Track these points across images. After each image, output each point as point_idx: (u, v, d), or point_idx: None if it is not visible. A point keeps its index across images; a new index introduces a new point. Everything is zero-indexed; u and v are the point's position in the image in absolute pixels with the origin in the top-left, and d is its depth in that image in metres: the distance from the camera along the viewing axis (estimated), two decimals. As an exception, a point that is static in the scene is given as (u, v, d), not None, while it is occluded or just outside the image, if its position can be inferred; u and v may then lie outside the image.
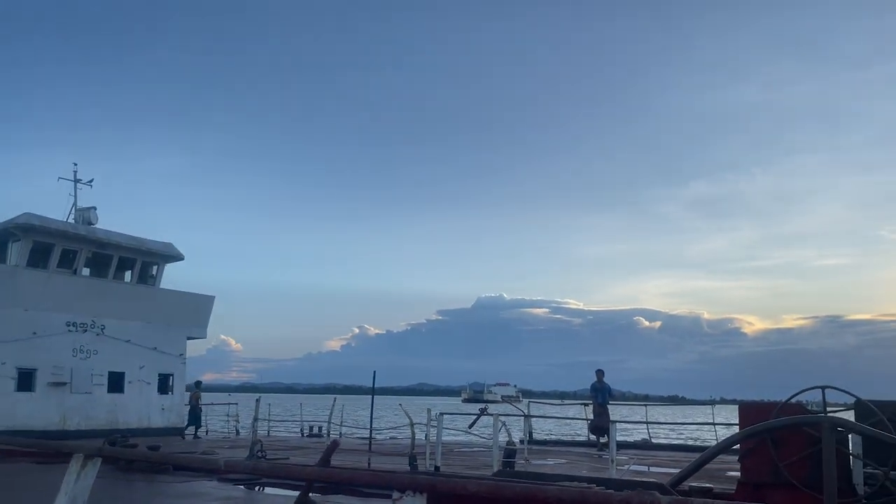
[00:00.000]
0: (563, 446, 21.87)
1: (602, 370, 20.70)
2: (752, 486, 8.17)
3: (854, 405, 10.31)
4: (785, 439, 7.92)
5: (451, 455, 15.64)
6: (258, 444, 14.72)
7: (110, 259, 24.76)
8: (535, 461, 14.58)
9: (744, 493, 8.19)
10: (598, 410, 19.84)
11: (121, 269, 25.54)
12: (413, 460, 12.25)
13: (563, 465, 14.60)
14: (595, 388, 20.27)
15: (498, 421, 11.67)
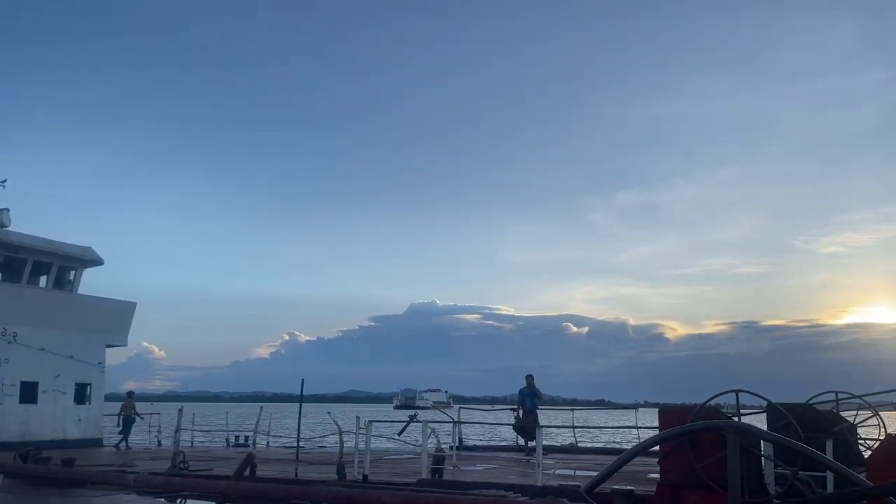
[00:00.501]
0: (493, 451, 22.05)
1: (532, 375, 20.93)
2: (671, 488, 8.44)
3: (766, 408, 10.85)
4: (701, 441, 8.23)
5: (381, 463, 15.56)
6: (180, 455, 14.29)
7: (24, 263, 23.61)
8: (464, 467, 14.65)
9: (663, 494, 8.45)
10: (527, 416, 20.08)
11: (35, 273, 24.38)
12: (341, 469, 12.14)
13: (491, 471, 14.73)
14: (523, 392, 20.51)
15: (427, 428, 11.69)
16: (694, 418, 8.43)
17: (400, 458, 17.11)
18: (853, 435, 11.85)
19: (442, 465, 11.63)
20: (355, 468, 12.05)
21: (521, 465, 16.12)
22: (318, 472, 13.42)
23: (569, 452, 20.45)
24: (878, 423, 12.73)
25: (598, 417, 72.23)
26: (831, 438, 9.61)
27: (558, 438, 27.01)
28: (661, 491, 8.57)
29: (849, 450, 11.01)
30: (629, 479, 12.89)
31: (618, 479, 12.96)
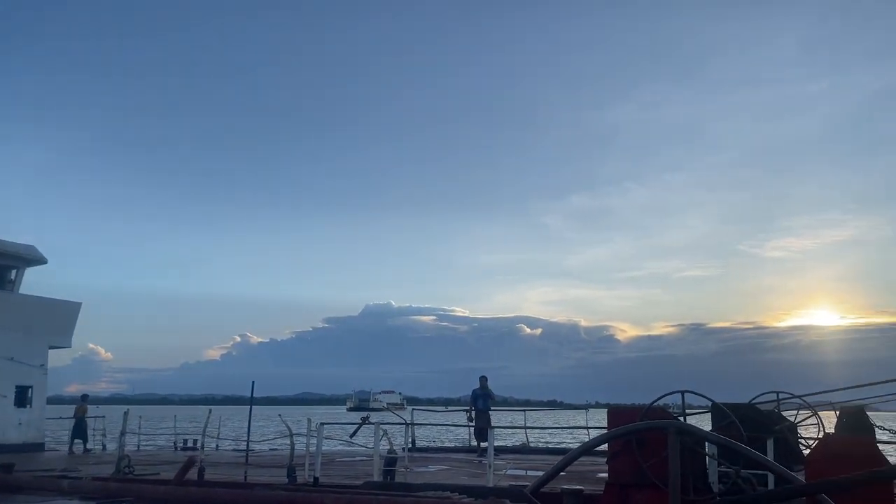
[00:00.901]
0: (446, 453, 22.11)
1: (485, 376, 21.06)
2: (619, 487, 8.60)
3: (711, 408, 11.15)
4: (649, 441, 8.40)
5: (333, 465, 15.46)
6: (125, 459, 13.94)
7: (-38, 262, 22.79)
8: (417, 468, 14.65)
9: (611, 493, 8.60)
10: (480, 417, 20.19)
11: (-26, 272, 23.55)
12: (292, 472, 12.01)
13: (443, 472, 14.77)
14: (476, 393, 20.63)
15: (379, 429, 11.65)
16: (641, 418, 8.60)
17: (352, 460, 17.03)
18: (793, 434, 12.25)
19: (394, 467, 11.61)
20: (306, 471, 11.93)
21: (474, 465, 16.20)
22: (268, 475, 13.25)
23: (521, 453, 20.63)
24: (818, 422, 13.18)
25: (550, 418, 73.04)
26: (772, 437, 9.91)
27: (511, 439, 27.21)
28: (609, 490, 8.72)
29: (789, 448, 11.38)
30: (579, 478, 13.08)
31: (568, 478, 13.16)
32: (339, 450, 20.18)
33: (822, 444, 7.76)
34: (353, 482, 10.92)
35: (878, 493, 7.05)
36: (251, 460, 15.91)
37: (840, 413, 14.71)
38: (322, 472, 11.96)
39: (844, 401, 17.06)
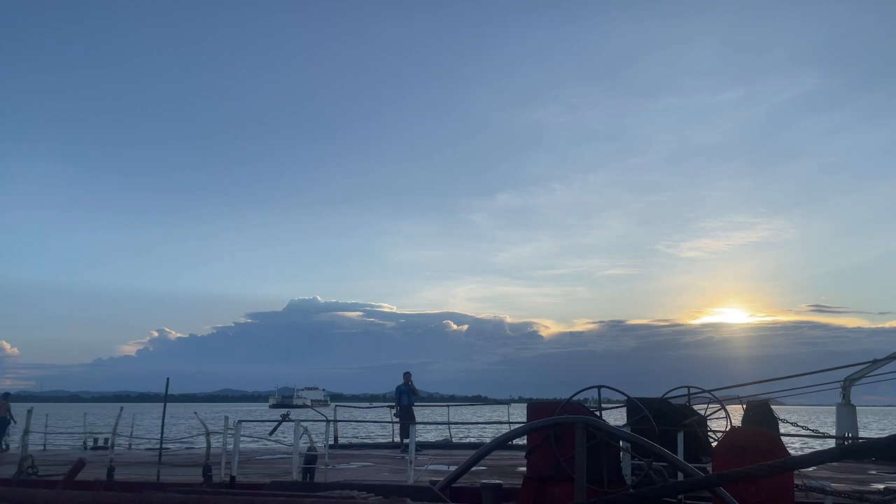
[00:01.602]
0: (369, 449, 21.95)
1: (409, 372, 21.00)
2: (537, 480, 8.75)
3: (626, 402, 11.46)
4: (566, 436, 8.58)
5: (251, 464, 15.12)
6: (28, 459, 13.21)
7: None
8: (339, 466, 14.49)
9: (529, 486, 8.74)
10: (403, 412, 20.16)
11: None
12: (207, 471, 11.68)
13: (365, 469, 14.67)
14: (400, 389, 20.56)
15: (299, 427, 11.45)
16: (559, 413, 8.77)
17: (272, 458, 16.70)
18: (703, 427, 12.75)
19: (314, 465, 11.44)
20: (222, 469, 11.62)
21: (396, 461, 16.16)
22: (183, 474, 12.84)
23: (444, 448, 20.69)
24: (725, 415, 13.77)
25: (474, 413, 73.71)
26: (682, 431, 10.28)
27: (435, 435, 27.29)
28: (527, 484, 8.86)
29: (699, 441, 11.84)
30: (499, 473, 13.23)
31: (488, 473, 13.30)
32: (259, 448, 19.77)
33: (728, 437, 8.10)
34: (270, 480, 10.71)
35: (779, 481, 7.42)
36: (166, 459, 15.36)
37: (746, 407, 15.45)
38: (240, 471, 11.67)
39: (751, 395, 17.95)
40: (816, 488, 8.15)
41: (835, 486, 8.86)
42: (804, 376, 18.05)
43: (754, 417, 14.24)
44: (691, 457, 10.26)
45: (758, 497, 7.10)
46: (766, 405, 14.74)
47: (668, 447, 9.47)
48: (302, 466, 11.28)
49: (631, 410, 10.83)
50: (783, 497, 7.37)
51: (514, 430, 3.30)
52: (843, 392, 19.10)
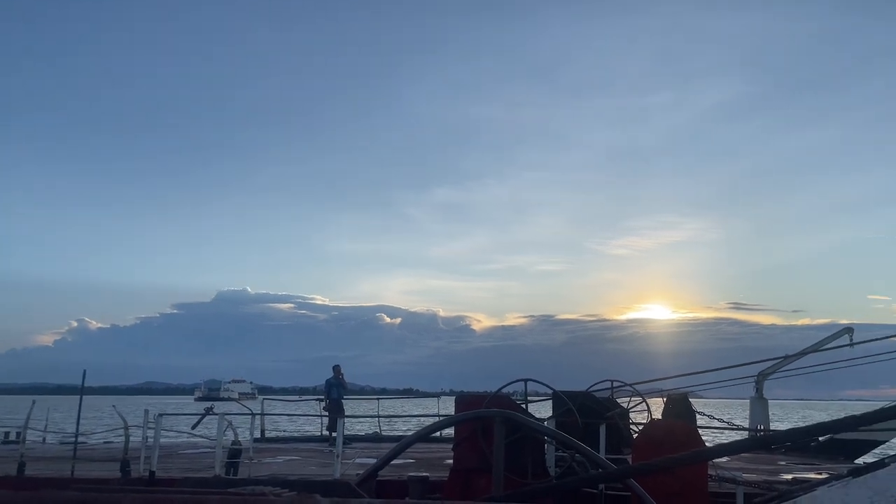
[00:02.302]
0: (297, 443, 21.70)
1: (339, 365, 20.96)
2: (463, 473, 8.83)
3: (552, 395, 11.71)
4: (493, 428, 8.70)
5: (173, 458, 14.70)
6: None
7: None
8: (265, 460, 14.27)
9: (455, 479, 8.81)
10: (332, 406, 20.06)
11: None
12: (126, 466, 11.31)
13: (291, 463, 14.50)
14: (330, 383, 20.48)
15: (223, 420, 11.21)
16: (487, 405, 8.88)
17: (195, 452, 16.30)
18: (625, 419, 13.13)
19: (238, 459, 11.23)
20: (141, 465, 11.27)
21: (324, 455, 16.02)
22: (100, 469, 12.40)
23: (373, 441, 20.67)
24: (647, 408, 14.21)
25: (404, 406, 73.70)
26: (604, 423, 10.57)
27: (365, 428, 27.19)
28: (453, 476, 8.93)
29: (620, 433, 12.19)
30: (427, 465, 13.29)
31: (416, 466, 13.34)
32: (183, 442, 19.26)
33: (647, 429, 8.38)
34: (193, 475, 10.46)
35: (694, 472, 7.72)
36: (83, 454, 14.79)
37: (666, 400, 15.99)
38: (160, 466, 11.34)
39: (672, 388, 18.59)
40: (729, 479, 8.51)
41: (746, 476, 9.26)
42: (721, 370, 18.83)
43: (674, 410, 14.73)
44: (613, 448, 10.55)
45: (674, 487, 7.36)
46: (685, 398, 15.29)
47: (592, 439, 9.73)
48: (225, 461, 11.05)
49: (556, 403, 11.05)
50: (698, 487, 7.67)
51: (435, 423, 3.31)
52: (756, 386, 20.01)
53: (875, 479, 7.00)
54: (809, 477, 11.26)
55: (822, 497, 7.22)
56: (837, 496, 7.16)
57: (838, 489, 7.16)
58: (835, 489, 7.18)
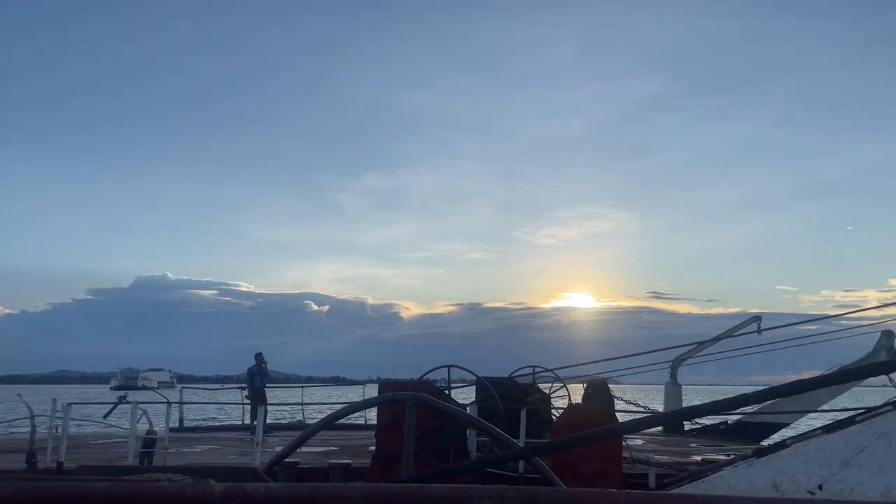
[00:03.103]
0: (219, 432, 21.26)
1: (261, 353, 20.71)
2: (385, 458, 8.84)
3: (476, 381, 11.84)
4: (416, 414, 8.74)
5: (83, 448, 14.13)
6: None
7: None
8: (182, 449, 13.92)
9: (376, 464, 8.81)
10: (255, 394, 19.79)
11: None
12: (32, 457, 10.82)
13: (210, 452, 14.19)
14: (252, 371, 20.20)
15: (137, 409, 10.84)
16: (410, 391, 8.90)
17: (107, 443, 15.73)
18: (546, 404, 13.41)
19: (152, 449, 10.89)
20: (48, 455, 10.79)
21: (245, 444, 15.73)
22: (4, 460, 11.81)
23: (296, 430, 20.44)
24: (567, 393, 14.56)
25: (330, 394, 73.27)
26: (525, 408, 10.76)
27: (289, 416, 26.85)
28: (374, 462, 8.92)
29: (540, 418, 12.45)
30: (350, 453, 13.25)
31: (339, 453, 13.27)
32: (95, 432, 18.55)
33: (566, 413, 8.58)
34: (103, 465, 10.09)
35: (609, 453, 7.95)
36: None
37: (587, 385, 16.42)
38: (70, 456, 10.88)
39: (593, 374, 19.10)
40: (642, 460, 8.81)
41: (659, 458, 9.63)
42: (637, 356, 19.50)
43: (593, 395, 15.12)
44: (534, 433, 10.76)
45: (589, 469, 7.57)
46: (603, 384, 15.72)
47: (513, 424, 9.88)
48: (139, 451, 10.70)
49: (479, 389, 11.18)
50: (612, 468, 7.91)
51: (342, 409, 3.27)
52: (671, 372, 20.82)
53: (777, 460, 7.42)
54: (718, 458, 11.78)
55: (728, 476, 7.59)
56: (742, 475, 7.54)
57: (743, 469, 7.55)
58: (740, 469, 7.56)
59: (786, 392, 3.60)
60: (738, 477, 7.35)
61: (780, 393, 3.48)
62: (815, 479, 7.13)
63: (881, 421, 7.16)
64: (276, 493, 1.60)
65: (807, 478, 7.11)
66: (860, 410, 7.78)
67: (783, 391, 3.55)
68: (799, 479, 7.16)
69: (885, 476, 7.02)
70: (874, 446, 7.15)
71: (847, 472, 7.14)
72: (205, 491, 1.57)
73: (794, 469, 7.24)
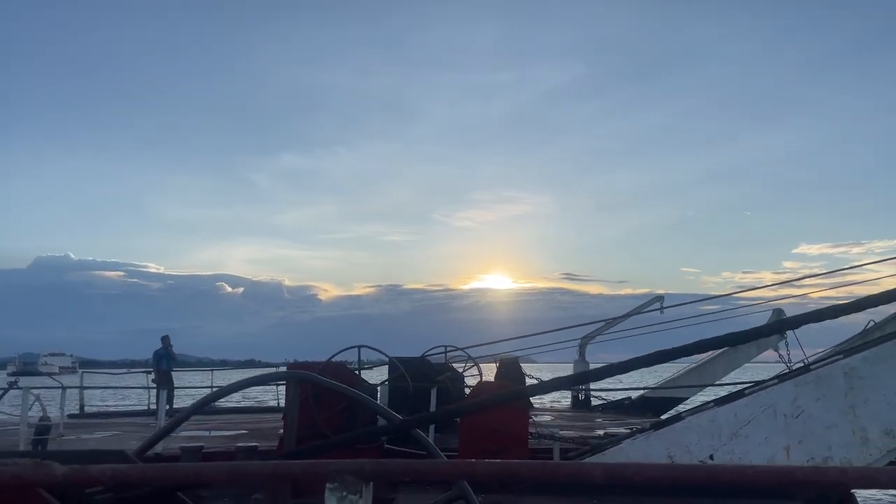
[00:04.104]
0: (121, 417, 20.56)
1: (168, 336, 20.27)
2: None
3: (388, 361, 11.86)
4: (324, 395, 8.67)
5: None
6: None
7: None
8: (82, 436, 13.39)
9: (282, 447, 8.71)
10: (161, 378, 19.30)
11: None
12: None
13: (111, 438, 13.69)
14: (159, 354, 19.70)
15: (29, 394, 10.29)
16: (320, 372, 8.83)
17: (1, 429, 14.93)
18: (458, 383, 13.60)
19: (46, 436, 10.39)
20: (-74, 445, 10.12)
21: (148, 429, 15.22)
22: None
23: (207, 414, 19.99)
24: (478, 371, 14.82)
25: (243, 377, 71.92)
26: (435, 386, 10.89)
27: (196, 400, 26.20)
28: (282, 444, 8.82)
29: (450, 396, 12.63)
30: (259, 436, 13.04)
31: (249, 436, 13.04)
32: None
33: (475, 391, 8.72)
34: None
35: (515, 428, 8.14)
36: None
37: (499, 363, 16.76)
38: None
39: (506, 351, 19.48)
40: (547, 435, 9.07)
41: (564, 433, 9.93)
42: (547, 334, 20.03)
43: (505, 373, 15.45)
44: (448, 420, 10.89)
45: (496, 444, 7.73)
46: (515, 362, 16.08)
47: (424, 402, 9.95)
48: (32, 438, 10.18)
49: (391, 369, 11.21)
50: (518, 443, 8.10)
51: (220, 389, 3.20)
52: (579, 350, 21.53)
53: (672, 432, 7.79)
54: (620, 432, 12.29)
55: (626, 449, 7.91)
56: (640, 448, 7.88)
57: (641, 442, 7.89)
58: (638, 441, 7.89)
59: (676, 354, 3.78)
60: (635, 449, 7.67)
61: (668, 356, 3.65)
62: (706, 450, 7.52)
63: (767, 393, 7.61)
64: (125, 475, 1.53)
65: (699, 448, 7.49)
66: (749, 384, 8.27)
67: (672, 354, 3.73)
68: (692, 450, 7.54)
69: (770, 446, 7.49)
70: (761, 418, 7.61)
71: (735, 443, 7.57)
72: (46, 473, 1.49)
73: (688, 440, 7.61)
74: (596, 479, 1.33)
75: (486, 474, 1.50)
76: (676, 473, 1.35)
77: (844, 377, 7.65)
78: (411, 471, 1.62)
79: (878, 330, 14.31)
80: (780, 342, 18.30)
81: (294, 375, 3.31)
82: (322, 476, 1.44)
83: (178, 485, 2.39)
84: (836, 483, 1.34)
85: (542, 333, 18.82)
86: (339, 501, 1.41)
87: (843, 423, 7.56)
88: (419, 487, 6.59)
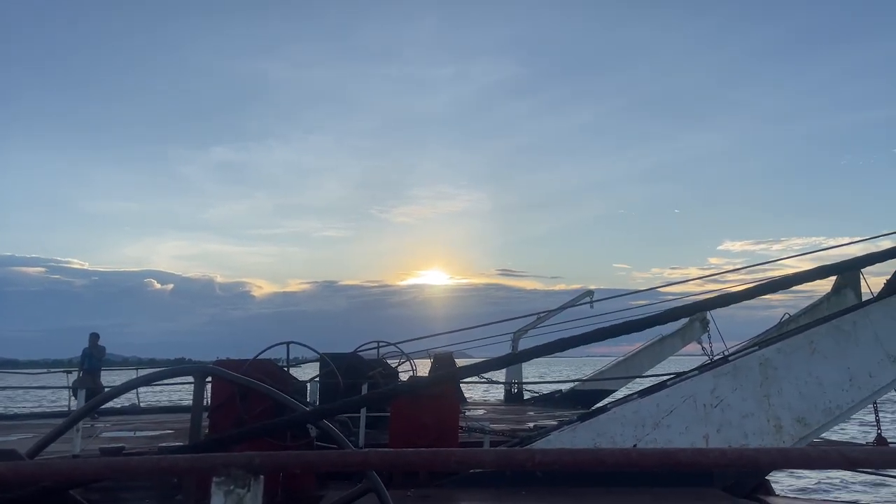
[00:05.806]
0: (40, 419, 19.77)
1: (96, 334, 19.66)
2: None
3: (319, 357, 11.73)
4: (252, 394, 8.51)
5: None
6: None
7: None
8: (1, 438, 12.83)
9: (209, 446, 8.51)
10: (87, 378, 18.71)
11: None
12: None
13: (28, 441, 13.12)
14: (86, 353, 19.14)
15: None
16: (247, 370, 8.65)
17: None
18: (391, 378, 13.56)
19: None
20: None
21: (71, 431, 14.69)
22: None
23: (131, 414, 19.41)
24: (411, 367, 14.83)
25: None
26: (367, 382, 10.84)
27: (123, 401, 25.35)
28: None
29: (382, 390, 12.60)
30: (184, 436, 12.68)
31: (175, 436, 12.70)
32: None
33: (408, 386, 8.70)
34: None
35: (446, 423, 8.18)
36: None
37: (434, 359, 16.82)
38: None
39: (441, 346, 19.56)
40: (478, 429, 9.15)
41: (494, 426, 10.05)
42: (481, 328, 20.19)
43: (439, 369, 15.51)
44: (376, 406, 10.85)
45: (426, 438, 7.75)
46: (449, 357, 16.15)
47: (355, 398, 9.83)
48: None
49: (322, 365, 11.10)
50: (449, 437, 8.14)
51: (115, 387, 3.08)
52: (512, 344, 21.81)
53: (598, 423, 7.99)
54: (549, 424, 12.51)
55: (554, 440, 8.07)
56: (567, 439, 8.05)
57: (568, 433, 8.06)
58: (565, 433, 8.06)
59: (578, 342, 3.92)
60: (563, 440, 7.83)
61: (570, 343, 3.79)
62: (630, 440, 7.74)
63: (687, 384, 7.89)
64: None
65: (623, 438, 7.71)
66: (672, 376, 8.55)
67: (572, 342, 3.87)
68: (616, 440, 7.75)
69: (691, 434, 7.77)
70: (682, 408, 7.88)
71: (658, 432, 7.82)
72: None
73: (613, 431, 7.82)
74: (487, 465, 1.34)
75: (380, 464, 1.49)
76: (566, 458, 1.38)
77: (760, 367, 8.00)
78: (302, 462, 1.59)
79: (793, 322, 15.03)
80: (703, 335, 19.03)
81: (199, 370, 3.22)
82: (207, 469, 1.40)
83: (56, 482, 2.30)
84: (718, 464, 1.39)
85: (475, 328, 18.98)
86: (226, 496, 1.37)
87: (759, 411, 7.92)
88: (351, 484, 6.57)
